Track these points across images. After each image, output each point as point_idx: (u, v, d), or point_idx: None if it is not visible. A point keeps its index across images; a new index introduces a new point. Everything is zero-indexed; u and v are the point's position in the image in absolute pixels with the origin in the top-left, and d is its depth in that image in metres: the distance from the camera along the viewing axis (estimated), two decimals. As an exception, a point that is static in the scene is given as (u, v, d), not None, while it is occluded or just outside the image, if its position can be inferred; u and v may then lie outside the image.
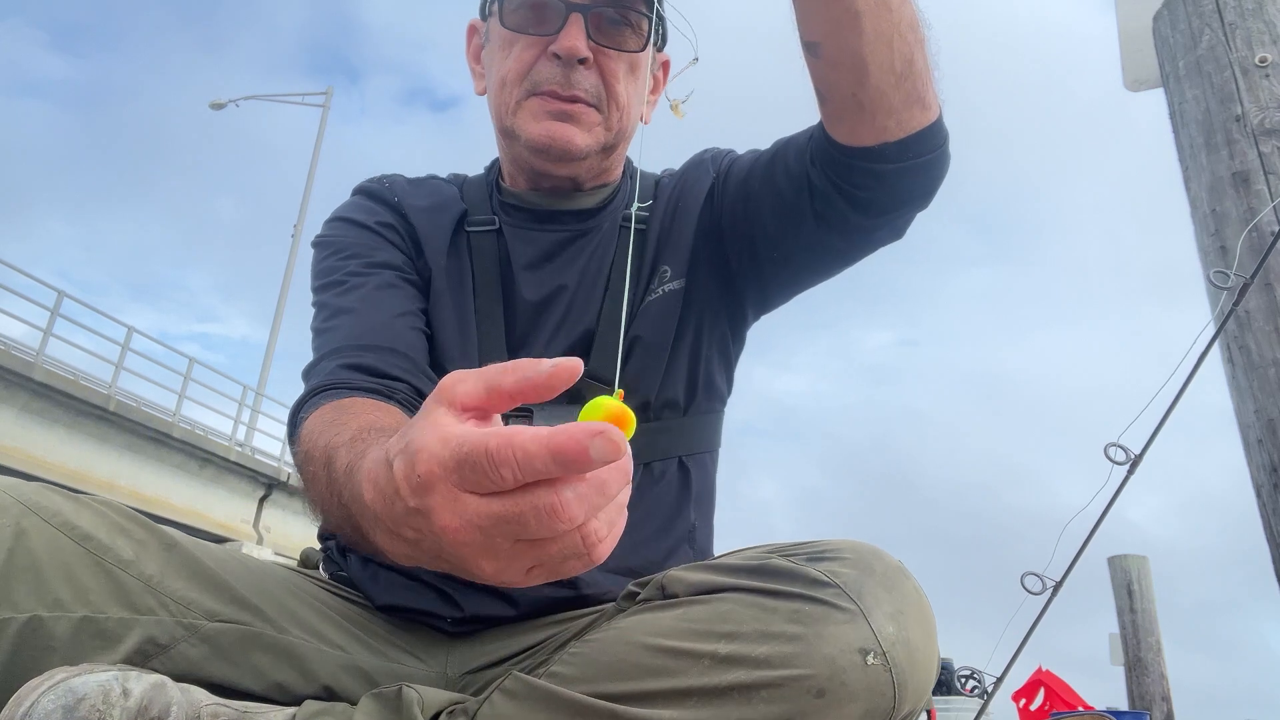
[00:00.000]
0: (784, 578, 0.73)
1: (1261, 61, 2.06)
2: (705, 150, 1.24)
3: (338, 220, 1.18)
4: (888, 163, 0.93)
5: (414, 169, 1.28)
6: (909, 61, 0.87)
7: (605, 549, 0.48)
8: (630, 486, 0.48)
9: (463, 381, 0.50)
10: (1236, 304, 1.70)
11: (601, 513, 0.47)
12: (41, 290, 15.35)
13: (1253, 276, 1.65)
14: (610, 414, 0.47)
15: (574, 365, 0.47)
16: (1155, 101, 2.40)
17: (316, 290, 1.11)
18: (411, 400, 0.96)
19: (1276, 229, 1.83)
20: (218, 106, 19.11)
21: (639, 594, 0.82)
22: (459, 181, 1.25)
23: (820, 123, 0.97)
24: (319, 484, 0.74)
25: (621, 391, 0.49)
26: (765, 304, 1.20)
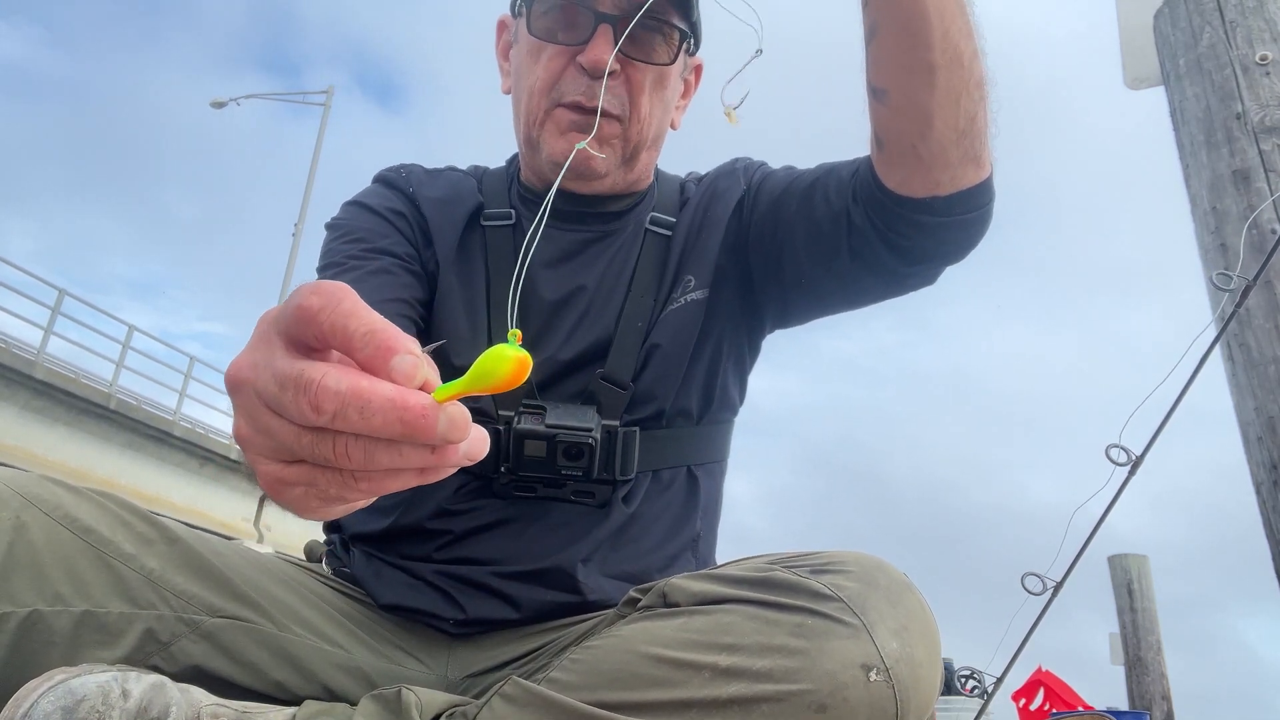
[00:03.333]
0: (787, 590, 0.72)
1: (1262, 59, 2.05)
2: (736, 159, 1.22)
3: (351, 205, 1.18)
4: (933, 216, 0.92)
5: (380, 165, 1.27)
6: (972, 119, 0.87)
7: (361, 482, 0.44)
8: (422, 453, 0.43)
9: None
10: (1239, 306, 1.70)
11: (364, 442, 0.42)
12: (44, 289, 15.38)
13: (1255, 278, 1.64)
14: (505, 367, 0.42)
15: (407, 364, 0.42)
16: (1131, 102, 2.39)
17: (318, 270, 1.11)
18: None
19: (1277, 227, 1.83)
20: (219, 105, 19.05)
21: (640, 600, 0.81)
22: (478, 174, 1.24)
23: (869, 162, 0.96)
24: None
25: (519, 333, 0.44)
26: (785, 321, 1.19)
